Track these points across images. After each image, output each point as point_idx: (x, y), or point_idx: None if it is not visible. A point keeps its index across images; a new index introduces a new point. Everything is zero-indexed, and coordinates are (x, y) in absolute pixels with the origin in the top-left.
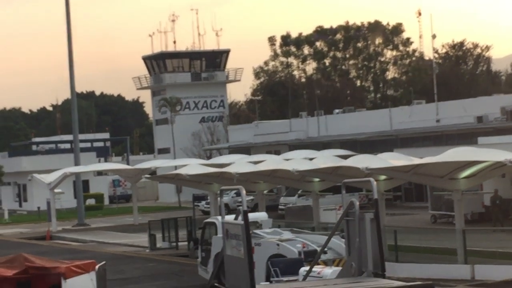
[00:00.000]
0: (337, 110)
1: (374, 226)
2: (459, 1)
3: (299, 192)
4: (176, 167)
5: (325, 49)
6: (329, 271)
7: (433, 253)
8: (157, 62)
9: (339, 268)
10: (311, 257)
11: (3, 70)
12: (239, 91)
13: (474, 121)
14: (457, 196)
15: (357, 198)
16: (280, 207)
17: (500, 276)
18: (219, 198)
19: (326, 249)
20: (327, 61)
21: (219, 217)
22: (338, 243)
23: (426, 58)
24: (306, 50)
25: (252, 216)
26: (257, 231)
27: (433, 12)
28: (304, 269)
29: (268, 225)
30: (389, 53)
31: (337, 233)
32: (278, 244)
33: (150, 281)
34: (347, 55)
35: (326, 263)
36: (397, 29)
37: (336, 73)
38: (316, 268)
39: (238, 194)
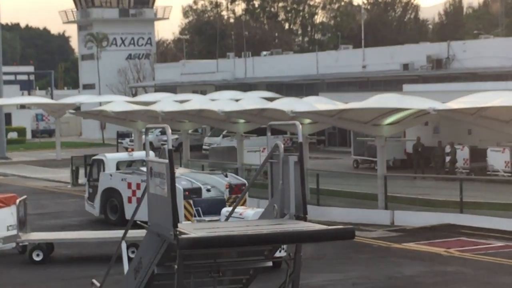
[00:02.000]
0: (264, 52)
1: (298, 169)
2: None
3: (224, 132)
4: (100, 103)
5: None
6: (251, 213)
7: (355, 197)
8: None
9: (261, 210)
10: (194, 195)
11: None
12: (167, 29)
13: (400, 68)
14: (380, 142)
15: (281, 141)
16: (204, 147)
17: (419, 222)
18: (144, 136)
19: (209, 187)
20: (256, 3)
21: (107, 154)
22: (221, 181)
23: (355, 3)
24: None
25: (141, 154)
26: (143, 168)
27: None
28: (226, 210)
29: None
30: None
31: (220, 173)
32: None
33: (71, 216)
34: None
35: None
36: None
37: (265, 15)
38: (238, 209)
39: (163, 132)
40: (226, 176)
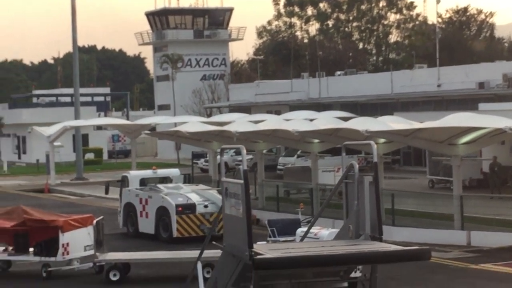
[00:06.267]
0: (338, 72)
1: (373, 189)
2: None
3: (298, 152)
4: (176, 124)
5: (329, 10)
6: (326, 233)
7: (430, 218)
8: (159, 18)
9: (336, 230)
10: (188, 210)
11: (5, 21)
12: (242, 50)
13: (475, 87)
14: (456, 161)
15: (356, 161)
16: (278, 167)
17: (496, 243)
18: (218, 156)
19: (207, 203)
20: (330, 23)
21: (131, 172)
22: (219, 198)
23: (429, 22)
24: (310, 11)
25: (165, 171)
26: (159, 185)
27: None
28: (301, 230)
29: (180, 181)
30: (392, 17)
31: (217, 189)
32: (162, 197)
33: (147, 236)
34: (351, 17)
35: (203, 215)
36: None
37: (339, 35)
38: (314, 230)
39: (238, 153)
40: (219, 192)
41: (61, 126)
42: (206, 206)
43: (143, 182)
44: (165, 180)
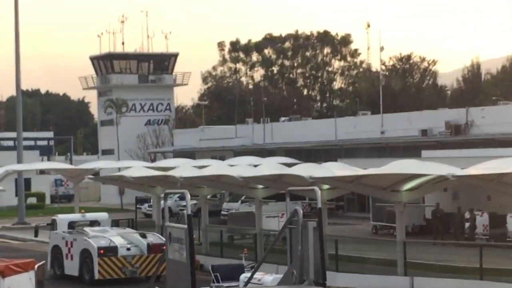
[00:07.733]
0: (283, 118)
1: (317, 235)
2: (407, 15)
3: (243, 198)
4: (119, 169)
5: (274, 56)
6: (270, 278)
7: (373, 263)
8: (104, 63)
9: (280, 276)
10: (110, 253)
11: None
12: (186, 95)
13: (418, 134)
14: (399, 208)
15: (300, 206)
16: (223, 212)
17: None
18: (162, 201)
19: (129, 246)
20: (275, 69)
21: (59, 215)
22: (142, 241)
23: (373, 70)
24: (255, 57)
25: (93, 215)
26: (86, 229)
27: (381, 25)
28: (245, 276)
29: (108, 224)
30: (336, 63)
31: (140, 232)
32: (86, 240)
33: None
34: (295, 64)
35: (125, 258)
36: (346, 40)
37: (284, 81)
38: (257, 275)
39: (182, 198)
40: (143, 236)
41: (3, 170)
42: (128, 249)
43: (72, 225)
44: (94, 223)
